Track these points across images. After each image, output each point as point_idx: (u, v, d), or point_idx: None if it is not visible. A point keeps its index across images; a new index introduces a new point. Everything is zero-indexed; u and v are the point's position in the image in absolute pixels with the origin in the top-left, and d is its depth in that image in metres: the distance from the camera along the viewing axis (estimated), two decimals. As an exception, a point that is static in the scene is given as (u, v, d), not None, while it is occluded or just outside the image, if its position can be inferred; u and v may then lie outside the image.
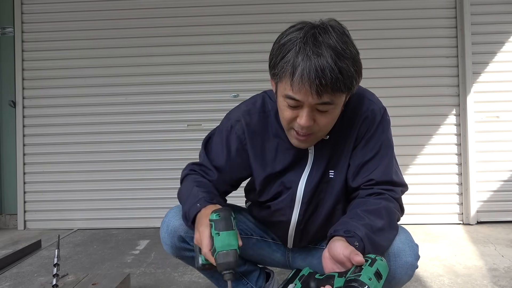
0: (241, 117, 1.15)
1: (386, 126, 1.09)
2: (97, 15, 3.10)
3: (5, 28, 3.13)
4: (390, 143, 1.09)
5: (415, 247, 1.01)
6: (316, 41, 0.89)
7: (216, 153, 1.17)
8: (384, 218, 0.96)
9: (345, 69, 0.89)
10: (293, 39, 0.91)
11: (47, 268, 2.09)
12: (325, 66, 0.86)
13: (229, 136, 1.15)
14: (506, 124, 2.96)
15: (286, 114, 0.97)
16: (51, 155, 3.09)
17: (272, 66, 0.96)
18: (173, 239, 1.16)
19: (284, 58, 0.91)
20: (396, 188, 1.04)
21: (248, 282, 1.37)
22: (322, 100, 0.90)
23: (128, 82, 3.09)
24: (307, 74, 0.87)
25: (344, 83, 0.89)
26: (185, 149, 3.01)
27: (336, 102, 0.94)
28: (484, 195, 2.95)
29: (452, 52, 3.00)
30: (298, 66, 0.88)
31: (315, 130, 0.97)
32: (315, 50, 0.88)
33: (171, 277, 1.93)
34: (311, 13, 3.15)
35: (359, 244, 0.87)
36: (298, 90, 0.90)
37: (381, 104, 1.11)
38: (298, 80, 0.88)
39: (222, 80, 3.04)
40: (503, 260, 2.09)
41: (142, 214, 3.04)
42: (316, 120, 0.95)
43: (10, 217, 3.14)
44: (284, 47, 0.92)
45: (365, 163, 1.06)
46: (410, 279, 1.02)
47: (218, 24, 3.03)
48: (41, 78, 3.11)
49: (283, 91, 0.94)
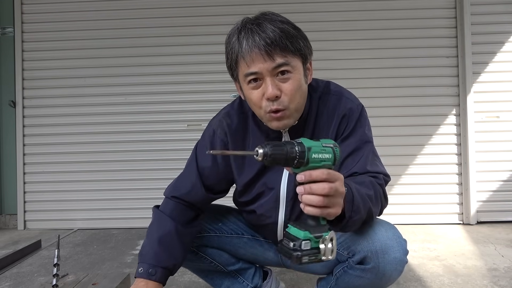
0: (222, 119, 1.18)
1: (363, 122, 1.11)
2: (97, 15, 3.10)
3: (5, 28, 3.13)
4: (368, 138, 1.10)
5: (403, 242, 1.02)
6: (254, 20, 0.99)
7: (202, 158, 1.19)
8: (371, 188, 0.96)
9: (286, 29, 0.97)
10: (231, 32, 1.01)
11: (47, 268, 2.09)
12: (266, 28, 0.95)
13: (212, 142, 1.18)
14: (506, 124, 2.96)
15: (253, 96, 1.01)
16: (51, 155, 3.10)
17: (229, 67, 1.04)
18: None
19: (231, 46, 1.00)
20: (379, 175, 1.04)
21: (244, 280, 1.37)
22: (277, 62, 0.96)
23: (128, 82, 3.09)
24: (252, 40, 0.95)
25: (289, 41, 0.96)
26: (185, 149, 3.01)
27: (293, 65, 0.98)
28: (484, 195, 2.95)
29: (452, 52, 3.00)
30: (243, 39, 0.96)
31: (285, 102, 0.99)
32: (254, 22, 0.98)
33: (171, 277, 1.92)
34: (311, 13, 3.16)
35: (347, 190, 0.85)
36: (251, 60, 0.96)
37: (358, 101, 1.13)
38: (247, 49, 0.95)
39: (222, 80, 3.04)
40: (503, 260, 2.09)
41: (142, 214, 3.03)
42: (281, 89, 0.98)
43: (10, 217, 3.14)
44: (228, 43, 1.01)
45: (345, 159, 1.07)
46: (400, 275, 1.02)
47: (218, 24, 3.03)
48: (41, 78, 3.11)
49: (242, 74, 1.00)
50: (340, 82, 1.19)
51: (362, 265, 1.02)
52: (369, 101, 2.91)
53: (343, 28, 3.01)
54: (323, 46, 2.91)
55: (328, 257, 0.78)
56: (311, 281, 1.77)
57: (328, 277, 1.18)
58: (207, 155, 1.17)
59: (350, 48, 3.00)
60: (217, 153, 1.03)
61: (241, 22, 1.00)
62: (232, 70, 1.05)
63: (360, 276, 1.04)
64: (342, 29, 3.00)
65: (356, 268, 1.04)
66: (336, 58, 2.96)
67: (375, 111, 2.88)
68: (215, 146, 1.17)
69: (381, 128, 2.90)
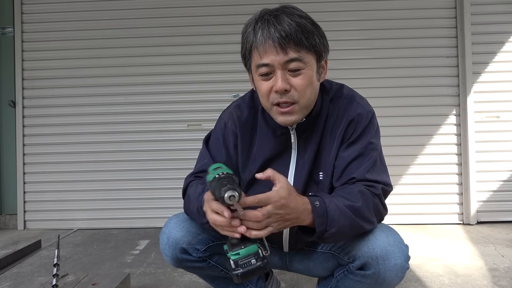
0: (232, 111, 1.17)
1: (371, 129, 1.09)
2: (97, 15, 3.10)
3: (5, 28, 3.13)
4: (375, 146, 1.08)
5: (404, 248, 1.00)
6: (272, 12, 0.98)
7: (216, 152, 1.17)
8: (359, 198, 0.96)
9: (303, 24, 0.96)
10: (249, 22, 1.00)
11: (47, 268, 2.09)
12: (283, 20, 0.94)
13: (225, 134, 1.16)
14: (506, 124, 2.96)
15: (263, 87, 1.01)
16: (51, 155, 3.10)
17: (243, 56, 1.03)
18: (175, 251, 1.12)
19: (246, 35, 1.00)
20: (377, 185, 1.02)
21: (248, 283, 1.37)
22: (289, 57, 0.95)
23: (128, 82, 3.09)
24: (267, 31, 0.94)
25: (305, 36, 0.95)
26: (185, 149, 3.02)
27: (306, 61, 0.98)
28: (484, 195, 2.95)
29: (452, 52, 3.00)
30: (259, 30, 0.96)
31: (295, 97, 0.99)
32: (272, 14, 0.97)
33: (171, 277, 1.93)
34: (312, 13, 3.13)
35: (320, 204, 0.90)
36: (264, 51, 0.96)
37: (369, 108, 1.12)
38: (261, 40, 0.95)
39: (222, 80, 3.04)
40: (503, 260, 2.09)
41: (142, 214, 3.04)
42: (291, 83, 0.98)
43: (10, 217, 3.13)
44: (244, 32, 1.01)
45: (348, 164, 1.05)
46: (401, 281, 1.02)
47: (218, 24, 3.03)
48: (41, 78, 3.11)
49: (255, 65, 1.00)
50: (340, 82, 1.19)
51: (362, 271, 1.01)
52: (369, 101, 2.92)
53: (343, 28, 3.01)
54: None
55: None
56: (311, 281, 1.76)
57: (329, 278, 1.18)
58: (220, 148, 1.16)
59: (350, 48, 3.00)
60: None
61: (260, 13, 1.00)
62: (245, 60, 1.05)
63: (360, 281, 1.03)
64: (341, 29, 3.01)
65: (356, 273, 1.03)
66: (335, 58, 2.94)
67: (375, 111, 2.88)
68: (227, 139, 1.15)
69: (381, 128, 2.87)
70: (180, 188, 1.20)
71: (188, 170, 1.23)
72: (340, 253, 1.09)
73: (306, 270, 1.27)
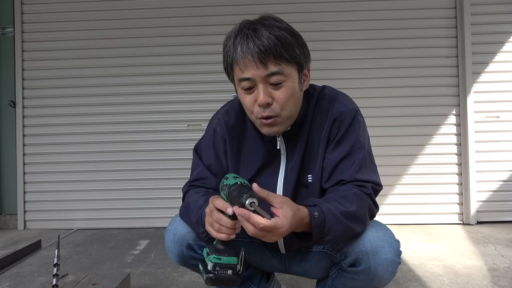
0: (220, 117, 1.18)
1: (357, 127, 1.08)
2: (97, 15, 3.10)
3: (5, 28, 3.13)
4: (361, 145, 1.07)
5: (394, 243, 1.01)
6: (251, 24, 0.98)
7: (207, 158, 1.18)
8: (354, 202, 0.97)
9: (282, 37, 0.95)
10: (229, 35, 1.00)
11: (47, 268, 2.09)
12: (261, 35, 0.94)
13: (214, 140, 1.17)
14: (506, 124, 2.96)
15: (246, 101, 1.02)
16: (51, 155, 3.10)
17: (225, 69, 1.04)
18: (181, 247, 1.11)
19: (226, 50, 1.00)
20: (367, 184, 1.03)
21: (250, 284, 1.37)
22: (270, 70, 0.95)
23: (128, 82, 3.09)
24: (246, 47, 0.95)
25: (284, 49, 0.95)
26: (185, 149, 3.01)
27: (287, 73, 0.98)
28: (484, 195, 2.95)
29: (452, 52, 3.00)
30: (238, 44, 0.96)
31: (277, 110, 1.00)
32: (250, 27, 0.97)
33: (171, 277, 1.93)
34: (312, 13, 3.16)
35: (319, 215, 0.91)
36: (244, 66, 0.96)
37: (352, 106, 1.11)
38: (241, 55, 0.95)
39: (222, 80, 3.02)
40: (503, 260, 2.09)
41: (142, 214, 3.04)
42: (274, 96, 0.99)
43: (10, 217, 3.14)
44: (225, 46, 1.02)
45: (337, 165, 1.06)
46: (393, 276, 1.02)
47: (218, 24, 3.03)
48: (41, 78, 3.11)
49: (237, 79, 1.00)
50: (339, 82, 1.19)
51: (354, 268, 1.02)
52: (369, 101, 2.92)
53: (343, 28, 3.01)
54: (323, 46, 2.90)
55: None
56: (311, 282, 1.77)
57: (326, 279, 1.19)
58: (210, 154, 1.17)
59: (350, 48, 2.99)
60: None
61: (239, 26, 1.00)
62: (228, 72, 1.06)
63: (354, 279, 1.04)
64: (341, 29, 3.00)
65: (348, 271, 1.05)
66: (336, 58, 2.95)
67: (374, 111, 2.88)
68: (217, 144, 1.16)
69: (381, 128, 2.90)
70: (180, 188, 1.21)
71: (188, 170, 1.23)
72: (332, 250, 1.10)
73: (304, 272, 1.27)
